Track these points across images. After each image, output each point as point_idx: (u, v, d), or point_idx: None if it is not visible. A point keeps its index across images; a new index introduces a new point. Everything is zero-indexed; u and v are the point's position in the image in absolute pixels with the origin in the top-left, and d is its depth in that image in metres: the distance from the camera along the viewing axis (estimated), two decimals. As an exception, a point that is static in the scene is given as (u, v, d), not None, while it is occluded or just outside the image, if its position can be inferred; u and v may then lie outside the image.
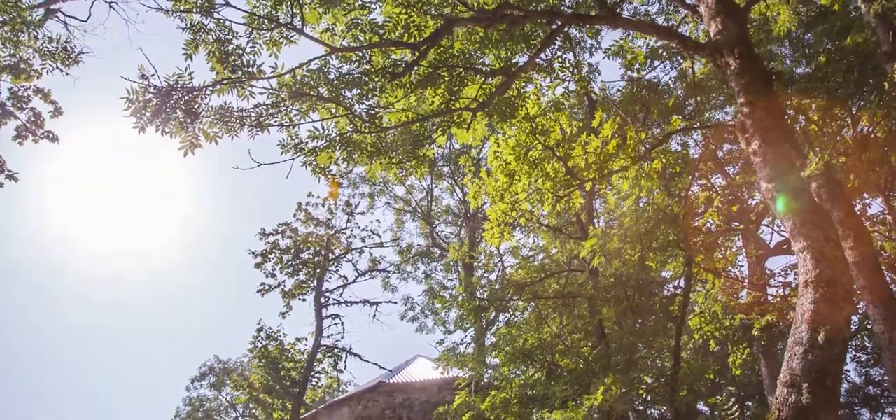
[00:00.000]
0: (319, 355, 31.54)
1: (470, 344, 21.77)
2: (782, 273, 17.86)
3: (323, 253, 32.10)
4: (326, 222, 32.58)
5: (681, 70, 16.98)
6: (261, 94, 9.46)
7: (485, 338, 21.96)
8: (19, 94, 14.64)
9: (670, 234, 14.12)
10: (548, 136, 10.92)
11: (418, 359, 30.28)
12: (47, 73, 14.11)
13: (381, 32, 9.46)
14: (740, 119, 7.58)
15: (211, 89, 9.12)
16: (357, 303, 32.27)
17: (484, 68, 10.26)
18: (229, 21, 9.16)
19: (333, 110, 10.07)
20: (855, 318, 17.61)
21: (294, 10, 9.22)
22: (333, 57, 9.69)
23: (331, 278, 32.41)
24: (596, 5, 10.57)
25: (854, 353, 23.96)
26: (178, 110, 8.88)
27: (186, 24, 9.09)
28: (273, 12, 9.14)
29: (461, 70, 10.02)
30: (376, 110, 10.25)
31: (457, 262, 29.86)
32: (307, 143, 9.95)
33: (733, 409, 12.69)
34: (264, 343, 31.95)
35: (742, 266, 19.12)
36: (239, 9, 9.10)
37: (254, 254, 31.02)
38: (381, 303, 32.06)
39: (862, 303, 8.64)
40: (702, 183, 18.27)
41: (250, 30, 9.20)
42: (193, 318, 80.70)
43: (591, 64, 23.65)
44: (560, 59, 11.55)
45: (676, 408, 15.14)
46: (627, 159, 10.96)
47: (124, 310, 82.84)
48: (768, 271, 19.12)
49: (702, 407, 22.65)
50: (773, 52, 17.22)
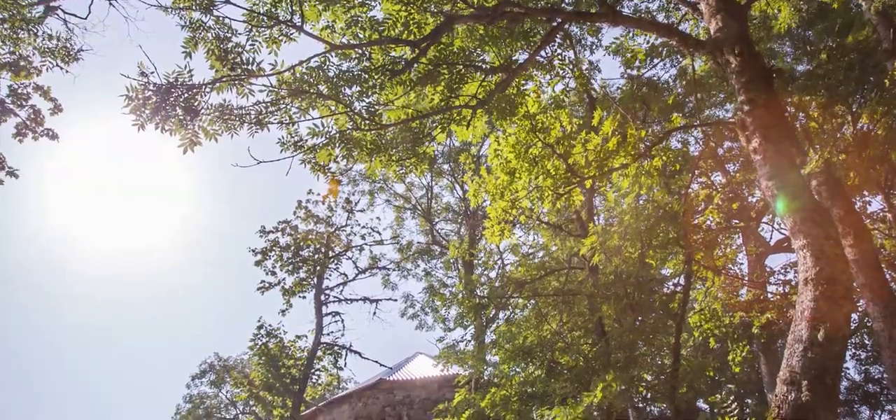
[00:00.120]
0: (319, 353, 31.51)
1: (470, 341, 21.81)
2: (782, 271, 17.93)
3: (323, 250, 32.08)
4: (326, 220, 32.55)
5: (681, 68, 17.00)
6: (260, 91, 9.47)
7: (485, 335, 21.96)
8: (19, 91, 14.60)
9: (670, 232, 14.10)
10: (548, 134, 10.93)
11: (418, 356, 30.35)
12: (47, 70, 14.08)
13: (381, 30, 9.44)
14: (740, 117, 7.57)
15: (210, 87, 9.12)
16: (357, 300, 32.27)
17: (484, 65, 10.24)
18: (229, 18, 9.16)
19: (333, 108, 10.06)
20: (855, 316, 17.63)
21: (294, 8, 9.20)
22: (333, 54, 9.68)
23: (331, 276, 32.41)
24: (596, 3, 10.57)
25: (854, 350, 23.94)
26: (177, 108, 8.88)
27: (186, 22, 9.09)
28: (273, 10, 9.13)
29: (461, 67, 10.00)
30: (376, 108, 10.24)
31: (457, 260, 29.87)
32: (307, 140, 9.93)
33: (733, 406, 12.72)
34: (264, 340, 31.93)
35: (742, 264, 19.17)
36: (238, 6, 9.09)
37: (254, 251, 30.98)
38: (381, 300, 32.10)
39: (862, 300, 8.65)
40: (702, 181, 18.29)
41: (250, 27, 9.18)
42: (193, 316, 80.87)
43: (592, 61, 23.63)
44: (560, 57, 11.55)
45: (676, 405, 15.14)
46: (627, 157, 10.97)
47: (124, 309, 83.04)
48: (768, 269, 19.16)
49: (701, 404, 22.66)
50: (774, 50, 17.24)
